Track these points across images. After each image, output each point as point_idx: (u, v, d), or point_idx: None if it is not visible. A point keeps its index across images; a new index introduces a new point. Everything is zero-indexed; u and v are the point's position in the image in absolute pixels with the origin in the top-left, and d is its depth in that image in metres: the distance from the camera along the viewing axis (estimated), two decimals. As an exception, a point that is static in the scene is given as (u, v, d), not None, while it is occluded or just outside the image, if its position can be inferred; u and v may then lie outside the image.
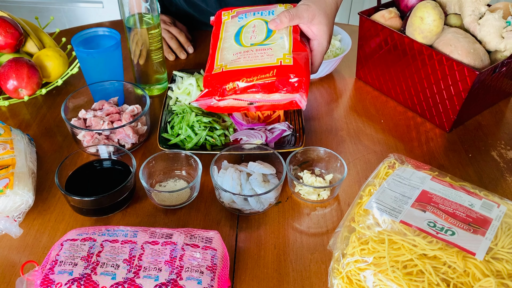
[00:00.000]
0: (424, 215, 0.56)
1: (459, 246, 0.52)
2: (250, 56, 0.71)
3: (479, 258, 0.51)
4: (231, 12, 0.80)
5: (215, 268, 0.56)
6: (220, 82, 0.70)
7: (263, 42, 0.72)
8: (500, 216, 0.56)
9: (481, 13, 0.86)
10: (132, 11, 0.85)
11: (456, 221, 0.55)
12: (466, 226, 0.55)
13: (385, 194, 0.60)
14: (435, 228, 0.54)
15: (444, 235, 0.53)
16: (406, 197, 0.59)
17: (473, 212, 0.57)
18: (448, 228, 0.54)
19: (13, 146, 0.73)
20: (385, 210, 0.57)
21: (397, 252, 0.54)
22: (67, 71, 0.98)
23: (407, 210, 0.57)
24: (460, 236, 0.53)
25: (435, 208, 0.57)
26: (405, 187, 0.61)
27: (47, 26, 1.13)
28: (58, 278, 0.53)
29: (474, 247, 0.52)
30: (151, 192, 0.71)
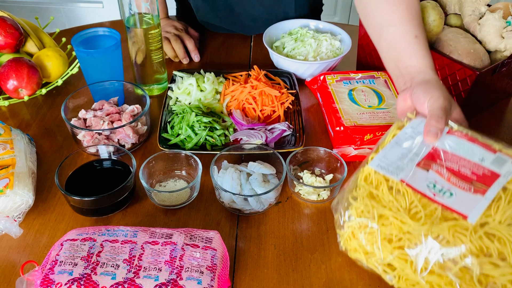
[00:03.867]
0: (427, 174, 0.55)
1: (453, 209, 0.52)
2: (373, 116, 0.80)
3: (471, 222, 0.50)
4: (334, 76, 0.90)
5: (215, 268, 0.56)
6: (358, 134, 0.77)
7: (379, 106, 0.82)
8: (510, 172, 0.54)
9: (481, 13, 0.86)
10: (132, 11, 0.85)
11: (458, 180, 0.54)
12: (468, 185, 0.53)
13: (393, 151, 0.58)
14: (434, 190, 0.54)
15: (441, 198, 0.53)
16: (414, 154, 0.57)
17: (481, 167, 0.54)
18: (447, 189, 0.54)
19: (13, 146, 0.73)
20: (387, 169, 0.57)
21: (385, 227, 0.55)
22: (67, 71, 0.98)
23: (411, 169, 0.56)
24: (457, 197, 0.52)
25: (440, 166, 0.56)
26: (415, 142, 0.59)
27: (47, 26, 1.13)
28: (58, 278, 0.53)
29: (468, 209, 0.51)
30: (151, 192, 0.71)
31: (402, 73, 0.69)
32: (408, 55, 0.69)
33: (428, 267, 0.52)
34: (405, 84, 0.68)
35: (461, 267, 0.50)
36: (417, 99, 0.63)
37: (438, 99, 0.61)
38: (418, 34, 0.69)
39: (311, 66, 0.96)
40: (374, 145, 0.78)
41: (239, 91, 0.88)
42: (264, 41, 1.01)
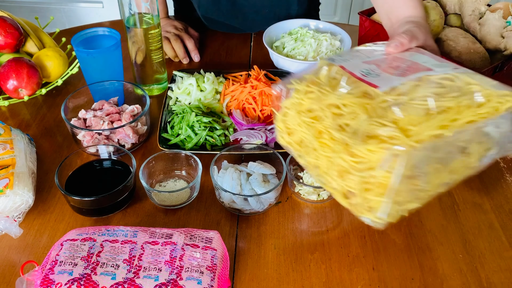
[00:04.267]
0: (368, 66, 0.57)
1: (369, 82, 0.53)
2: None
3: (380, 91, 0.51)
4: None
5: (215, 268, 0.56)
6: None
7: None
8: (444, 71, 0.54)
9: (481, 13, 0.86)
10: (132, 10, 0.85)
11: (392, 69, 0.56)
12: (396, 71, 0.55)
13: (352, 54, 0.61)
14: (365, 73, 0.55)
15: (367, 77, 0.54)
16: (366, 56, 0.60)
17: (419, 65, 0.56)
18: (376, 73, 0.55)
19: (13, 146, 0.73)
20: (334, 59, 0.60)
21: (310, 100, 0.56)
22: (67, 71, 0.98)
23: (356, 62, 0.58)
24: (381, 77, 0.54)
25: (384, 63, 0.58)
26: (376, 53, 0.62)
27: (47, 26, 1.13)
28: (58, 278, 0.53)
29: (382, 83, 0.52)
30: (151, 192, 0.71)
31: (392, 23, 0.73)
32: (398, 7, 0.73)
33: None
34: (394, 31, 0.71)
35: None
36: (396, 32, 0.68)
37: (407, 25, 0.67)
38: None
39: (311, 66, 0.96)
40: None
41: (239, 91, 0.88)
42: (264, 41, 1.01)
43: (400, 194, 0.49)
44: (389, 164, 0.46)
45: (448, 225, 0.70)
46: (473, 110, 0.49)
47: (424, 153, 0.48)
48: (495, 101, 0.51)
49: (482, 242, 0.68)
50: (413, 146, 0.46)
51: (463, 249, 0.67)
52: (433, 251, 0.67)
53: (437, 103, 0.50)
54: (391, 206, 0.49)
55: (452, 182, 0.53)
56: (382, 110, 0.50)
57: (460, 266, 0.65)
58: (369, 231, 0.69)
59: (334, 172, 0.52)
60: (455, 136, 0.49)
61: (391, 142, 0.47)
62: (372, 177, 0.48)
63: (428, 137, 0.47)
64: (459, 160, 0.52)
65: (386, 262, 0.65)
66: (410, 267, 0.64)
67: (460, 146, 0.51)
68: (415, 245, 0.67)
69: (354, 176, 0.49)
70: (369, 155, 0.47)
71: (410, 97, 0.51)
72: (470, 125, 0.49)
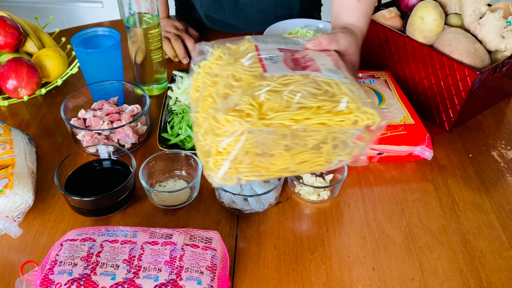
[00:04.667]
0: (277, 52, 0.64)
1: (263, 65, 0.60)
2: None
3: (265, 75, 0.58)
4: None
5: (215, 268, 0.56)
6: None
7: (380, 106, 0.84)
8: (326, 76, 0.60)
9: (482, 13, 0.86)
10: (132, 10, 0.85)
11: (291, 61, 0.62)
12: (292, 64, 0.61)
13: (277, 38, 0.68)
14: (268, 57, 0.62)
15: (266, 61, 0.61)
16: (284, 44, 0.67)
17: (316, 65, 0.62)
18: (277, 60, 0.61)
19: (12, 146, 0.73)
20: (258, 38, 0.66)
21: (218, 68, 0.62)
22: (67, 71, 0.98)
23: (271, 46, 0.65)
24: (276, 64, 0.60)
25: (292, 54, 0.63)
26: (296, 45, 0.68)
27: (46, 26, 1.13)
28: (57, 278, 0.53)
29: (272, 69, 0.59)
30: (151, 192, 0.71)
31: (335, 26, 0.79)
32: (344, 13, 0.78)
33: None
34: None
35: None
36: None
37: (338, 30, 0.73)
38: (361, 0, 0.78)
39: (311, 66, 0.96)
40: (374, 145, 0.78)
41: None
42: (264, 41, 1.01)
43: (241, 164, 0.55)
44: (235, 136, 0.53)
45: (448, 225, 0.70)
46: (330, 116, 0.55)
47: (268, 136, 0.54)
48: (357, 114, 0.56)
49: (482, 242, 0.68)
50: (258, 126, 0.53)
51: (463, 249, 0.67)
52: (433, 251, 0.67)
53: (302, 99, 0.55)
54: (228, 171, 0.56)
55: (299, 172, 0.59)
56: (257, 91, 0.56)
57: (460, 266, 0.65)
58: (369, 231, 0.69)
59: (202, 131, 0.58)
60: (305, 132, 0.55)
61: (244, 118, 0.53)
62: (222, 142, 0.54)
63: (277, 124, 0.54)
64: (308, 154, 0.57)
65: (386, 262, 0.65)
66: (410, 267, 0.64)
67: (312, 143, 0.56)
68: (415, 245, 0.67)
69: (212, 138, 0.56)
70: (225, 124, 0.54)
71: (285, 88, 0.56)
72: (320, 127, 0.55)
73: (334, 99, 0.56)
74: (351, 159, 0.60)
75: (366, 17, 0.79)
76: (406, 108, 0.83)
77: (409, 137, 0.78)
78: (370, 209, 0.73)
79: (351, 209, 0.73)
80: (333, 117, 0.55)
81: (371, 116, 0.57)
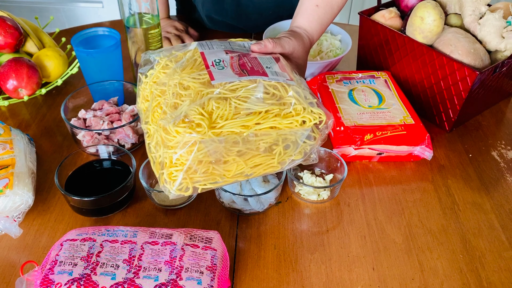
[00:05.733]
0: (224, 56, 0.64)
1: (210, 72, 0.60)
2: (373, 116, 0.81)
3: (213, 83, 0.58)
4: (335, 76, 0.91)
5: (215, 268, 0.56)
6: (358, 134, 0.78)
7: (379, 106, 0.83)
8: (273, 79, 0.61)
9: (482, 13, 0.86)
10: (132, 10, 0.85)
11: (238, 66, 0.62)
12: (239, 69, 0.62)
13: (223, 43, 0.69)
14: (215, 63, 0.62)
15: (213, 67, 0.61)
16: (231, 48, 0.67)
17: (262, 69, 0.63)
18: (222, 65, 0.62)
19: (12, 146, 0.73)
20: (204, 44, 0.67)
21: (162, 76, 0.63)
22: (67, 71, 0.98)
23: (217, 51, 0.65)
24: (224, 71, 0.61)
25: (238, 59, 0.64)
26: (242, 48, 0.69)
27: (47, 26, 1.13)
28: (57, 278, 0.53)
29: (220, 76, 0.59)
30: (151, 192, 0.71)
31: (291, 27, 0.80)
32: (300, 17, 0.80)
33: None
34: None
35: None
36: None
37: (285, 34, 0.74)
38: (319, 5, 0.79)
39: (311, 66, 0.96)
40: (374, 145, 0.78)
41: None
42: (264, 41, 1.01)
43: (195, 174, 0.56)
44: (187, 147, 0.54)
45: (448, 225, 0.70)
46: (279, 119, 0.57)
47: (220, 144, 0.55)
48: (304, 115, 0.58)
49: (482, 242, 0.68)
50: (209, 136, 0.54)
51: (463, 249, 0.67)
52: (433, 251, 0.67)
53: (250, 105, 0.56)
54: (183, 182, 0.56)
55: (254, 175, 0.60)
56: (206, 99, 0.57)
57: (460, 266, 0.65)
58: (369, 231, 0.69)
59: (153, 143, 0.59)
60: (256, 137, 0.56)
61: (194, 129, 0.54)
62: (174, 154, 0.55)
63: (228, 132, 0.55)
64: (261, 157, 0.59)
65: (386, 262, 0.65)
66: (410, 267, 0.64)
67: (264, 146, 0.58)
68: (415, 245, 0.67)
69: (164, 150, 0.56)
70: (176, 135, 0.54)
71: (233, 94, 0.58)
72: (270, 130, 0.57)
73: (281, 102, 0.58)
74: (303, 158, 0.61)
75: (320, 24, 0.80)
76: (406, 108, 0.83)
77: (409, 137, 0.78)
78: (370, 209, 0.73)
79: (351, 209, 0.73)
80: (281, 120, 0.57)
81: (318, 116, 0.59)
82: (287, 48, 0.72)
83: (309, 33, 0.79)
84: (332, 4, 0.80)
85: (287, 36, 0.74)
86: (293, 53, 0.74)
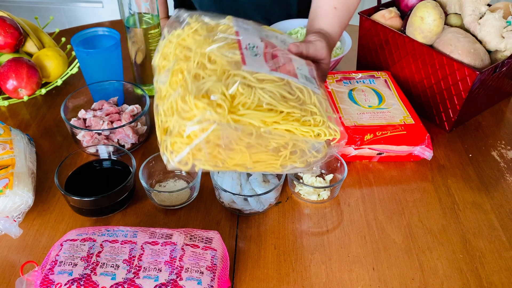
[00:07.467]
0: (258, 43, 0.62)
1: (242, 55, 0.58)
2: (373, 116, 0.81)
3: (243, 68, 0.56)
4: (335, 76, 0.91)
5: (215, 268, 0.56)
6: (358, 134, 0.78)
7: (379, 106, 0.83)
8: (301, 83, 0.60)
9: (481, 13, 0.86)
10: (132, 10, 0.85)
11: (271, 58, 0.61)
12: (272, 62, 0.60)
13: (259, 27, 0.67)
14: (249, 47, 0.60)
15: (246, 50, 0.59)
16: (266, 36, 0.65)
17: (293, 69, 0.62)
18: (256, 52, 0.60)
19: (12, 146, 0.73)
20: (240, 23, 0.63)
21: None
22: (67, 71, 0.98)
23: (253, 35, 0.63)
24: (256, 58, 0.59)
25: (272, 50, 0.62)
26: (276, 39, 0.66)
27: (46, 26, 1.13)
28: (58, 278, 0.53)
29: (252, 63, 0.57)
30: (151, 192, 0.71)
31: (310, 31, 0.79)
32: (320, 20, 0.79)
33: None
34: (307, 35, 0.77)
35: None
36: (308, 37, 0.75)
37: (317, 37, 0.73)
38: (337, 7, 0.79)
39: (311, 66, 0.96)
40: (374, 145, 0.78)
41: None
42: (264, 41, 1.01)
43: (200, 152, 0.54)
44: (203, 124, 0.52)
45: (448, 225, 0.70)
46: (297, 124, 0.56)
47: (235, 132, 0.53)
48: (322, 128, 0.58)
49: (482, 242, 0.68)
50: (228, 121, 0.52)
51: (463, 249, 0.67)
52: (433, 251, 0.67)
53: (273, 101, 0.55)
54: (186, 156, 0.54)
55: (253, 170, 0.59)
56: (232, 82, 0.54)
57: (460, 266, 0.65)
58: (369, 231, 0.69)
59: (165, 107, 0.56)
60: (269, 135, 0.55)
61: (215, 108, 0.52)
62: (185, 126, 0.53)
63: (247, 122, 0.53)
64: (266, 155, 0.58)
65: (386, 262, 0.65)
66: (410, 267, 0.64)
67: (274, 145, 0.57)
68: (415, 245, 0.67)
69: (176, 119, 0.54)
70: (193, 108, 0.52)
71: (259, 85, 0.56)
72: (286, 133, 0.56)
73: (303, 108, 0.57)
74: (305, 167, 0.61)
75: (340, 26, 0.79)
76: (406, 108, 0.83)
77: (409, 137, 0.78)
78: (370, 209, 0.73)
79: (351, 209, 0.73)
80: (299, 126, 0.56)
81: (334, 133, 0.59)
82: (319, 56, 0.71)
83: (331, 36, 0.78)
84: (348, 5, 0.80)
85: (320, 41, 0.72)
86: (323, 60, 0.72)
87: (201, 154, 0.55)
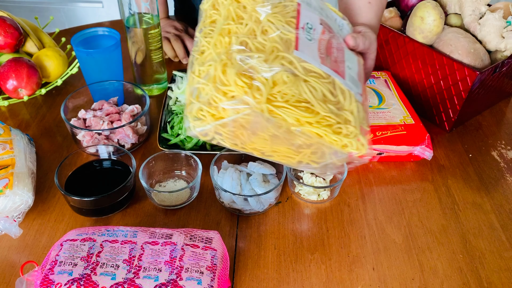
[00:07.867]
0: (317, 25, 0.59)
1: (296, 37, 0.55)
2: (373, 116, 0.81)
3: (294, 53, 0.54)
4: None
5: (215, 268, 0.56)
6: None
7: (379, 106, 0.83)
8: (346, 84, 0.58)
9: (482, 13, 0.86)
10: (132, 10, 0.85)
11: (325, 47, 0.58)
12: (325, 53, 0.58)
13: (324, 6, 0.64)
14: (306, 28, 0.57)
15: (302, 31, 0.56)
16: (326, 16, 0.63)
17: (343, 67, 0.60)
18: (312, 36, 0.57)
19: (12, 146, 0.73)
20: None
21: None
22: (67, 71, 0.98)
23: (315, 13, 0.60)
24: (310, 43, 0.56)
25: (329, 38, 0.60)
26: (335, 24, 0.64)
27: (46, 26, 1.13)
28: (58, 278, 0.53)
29: (304, 50, 0.55)
30: (151, 192, 0.71)
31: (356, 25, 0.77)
32: (358, 17, 0.77)
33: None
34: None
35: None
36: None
37: (368, 32, 0.70)
38: (371, 1, 0.76)
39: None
40: (374, 145, 0.78)
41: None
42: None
43: (224, 128, 0.53)
44: (236, 106, 0.51)
45: (448, 225, 0.70)
46: (329, 130, 0.54)
47: (266, 123, 0.52)
48: (351, 140, 0.55)
49: (482, 242, 0.68)
50: (262, 111, 0.51)
51: (463, 249, 0.67)
52: (433, 251, 0.67)
53: (313, 100, 0.53)
54: (210, 129, 0.54)
55: (269, 158, 0.59)
56: (278, 65, 0.52)
57: (460, 266, 0.65)
58: (369, 231, 0.69)
59: (202, 67, 0.54)
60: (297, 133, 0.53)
61: (253, 92, 0.50)
62: (220, 100, 0.51)
63: (278, 114, 0.51)
64: (287, 149, 0.57)
65: (386, 262, 0.65)
66: (410, 267, 0.64)
67: (298, 143, 0.55)
68: (415, 245, 0.67)
69: (210, 88, 0.52)
70: (232, 85, 0.51)
71: (304, 76, 0.53)
72: (314, 135, 0.54)
73: (340, 114, 0.55)
74: (319, 169, 0.60)
75: (378, 20, 0.77)
76: (406, 108, 0.83)
77: (409, 137, 0.78)
78: (370, 209, 0.73)
79: (351, 209, 0.73)
80: (330, 133, 0.54)
81: (360, 147, 0.57)
82: (372, 48, 0.69)
83: (375, 31, 0.76)
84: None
85: (369, 31, 0.70)
86: (374, 53, 0.71)
87: (224, 130, 0.54)
